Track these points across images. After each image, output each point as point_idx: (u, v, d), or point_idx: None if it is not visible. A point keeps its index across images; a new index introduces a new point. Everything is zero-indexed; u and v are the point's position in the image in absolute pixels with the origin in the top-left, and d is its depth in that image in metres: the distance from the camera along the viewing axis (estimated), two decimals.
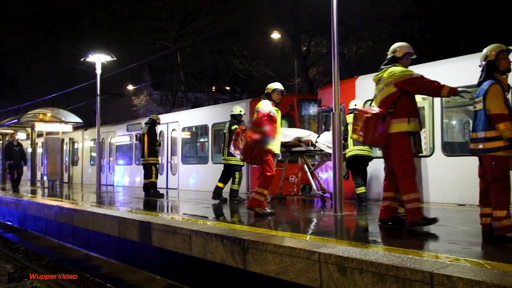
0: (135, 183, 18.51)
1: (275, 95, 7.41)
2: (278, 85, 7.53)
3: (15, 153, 16.51)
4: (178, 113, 19.10)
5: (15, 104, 41.52)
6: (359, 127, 5.69)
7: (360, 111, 5.87)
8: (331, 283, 4.10)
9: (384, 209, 5.88)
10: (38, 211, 11.39)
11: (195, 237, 5.79)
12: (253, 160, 7.12)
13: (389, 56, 5.86)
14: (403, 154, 5.49)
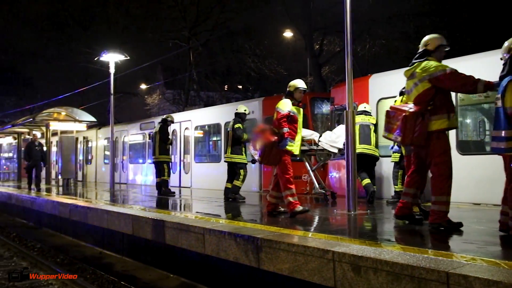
0: (148, 181, 18.62)
1: (297, 93, 7.23)
2: (300, 83, 7.32)
3: (35, 153, 16.48)
4: (191, 111, 19.15)
5: (30, 103, 42.05)
6: (395, 126, 5.41)
7: (395, 109, 5.56)
8: (345, 282, 4.08)
9: (402, 206, 5.68)
10: (53, 209, 11.51)
11: (209, 236, 5.80)
12: (270, 161, 7.02)
13: (420, 50, 5.57)
14: (442, 153, 5.25)
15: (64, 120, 21.04)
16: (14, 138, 25.57)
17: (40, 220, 13.05)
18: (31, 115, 24.31)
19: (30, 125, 21.89)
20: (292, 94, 7.22)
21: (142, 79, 37.56)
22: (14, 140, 25.63)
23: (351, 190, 7.26)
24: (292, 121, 6.97)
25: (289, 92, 7.25)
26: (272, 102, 14.02)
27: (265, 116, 13.41)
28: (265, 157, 6.88)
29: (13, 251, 9.37)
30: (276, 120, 6.98)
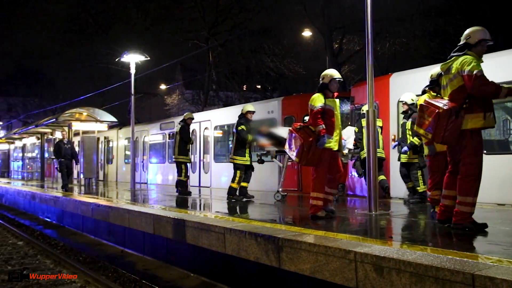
0: (168, 181, 18.76)
1: (333, 84, 6.67)
2: (336, 73, 6.78)
3: (65, 152, 15.97)
4: (211, 111, 19.25)
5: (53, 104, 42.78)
6: (427, 121, 5.18)
7: (429, 104, 5.28)
8: (367, 283, 4.04)
9: (444, 209, 5.44)
10: (76, 208, 11.68)
11: (229, 235, 5.81)
12: (309, 162, 6.61)
13: (461, 43, 5.30)
14: (473, 153, 5.06)
15: (85, 120, 21.36)
16: (37, 138, 26.05)
17: (63, 219, 13.25)
18: (54, 116, 24.73)
19: (53, 125, 22.28)
20: (327, 86, 6.67)
21: (161, 79, 37.91)
22: (37, 140, 26.09)
23: (372, 190, 7.19)
24: (329, 116, 6.54)
25: (324, 85, 6.69)
26: (292, 101, 14.03)
27: (284, 116, 13.39)
28: (303, 158, 6.49)
29: (37, 249, 9.53)
30: (310, 117, 6.62)
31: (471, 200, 5.07)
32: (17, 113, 55.43)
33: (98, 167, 22.84)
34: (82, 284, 6.83)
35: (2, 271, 7.74)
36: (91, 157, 19.70)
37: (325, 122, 6.48)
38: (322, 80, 6.74)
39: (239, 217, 7.26)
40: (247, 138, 10.07)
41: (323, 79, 6.72)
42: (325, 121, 6.49)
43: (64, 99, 38.76)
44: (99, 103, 33.49)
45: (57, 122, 21.23)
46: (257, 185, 13.49)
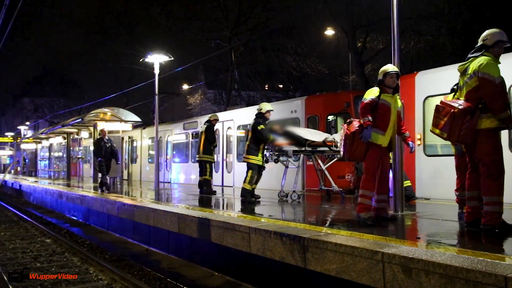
0: (191, 180, 18.88)
1: (389, 79, 6.37)
2: (391, 67, 6.57)
3: (105, 150, 14.97)
4: (233, 111, 19.28)
5: (78, 104, 43.57)
6: (442, 121, 5.19)
7: (444, 104, 5.31)
8: (395, 284, 3.99)
9: (471, 211, 5.40)
10: (101, 207, 11.86)
11: (254, 235, 5.81)
12: (352, 156, 6.33)
13: (478, 44, 5.34)
14: (491, 152, 5.06)
15: (110, 120, 21.67)
16: (63, 138, 26.51)
17: (89, 217, 13.47)
18: (80, 116, 25.16)
19: (79, 125, 22.66)
20: (382, 81, 6.41)
21: (184, 79, 38.17)
22: (63, 140, 26.57)
23: (398, 190, 7.10)
24: (383, 111, 6.23)
25: (379, 81, 6.46)
26: (315, 101, 13.96)
27: (307, 115, 13.33)
28: (346, 151, 6.24)
29: (65, 247, 9.71)
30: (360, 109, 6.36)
31: (497, 199, 5.04)
32: (44, 113, 56.64)
33: (122, 166, 23.16)
34: (108, 281, 6.93)
35: (32, 268, 7.93)
36: None
37: (377, 117, 6.20)
38: (378, 77, 6.55)
39: (263, 216, 7.25)
40: (268, 137, 9.81)
41: (379, 76, 6.53)
42: (378, 116, 6.20)
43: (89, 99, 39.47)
44: (123, 103, 33.97)
45: (83, 122, 21.59)
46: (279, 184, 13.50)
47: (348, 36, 22.52)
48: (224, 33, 30.12)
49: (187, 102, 38.49)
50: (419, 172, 9.93)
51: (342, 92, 16.86)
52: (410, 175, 9.52)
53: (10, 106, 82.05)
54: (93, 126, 21.00)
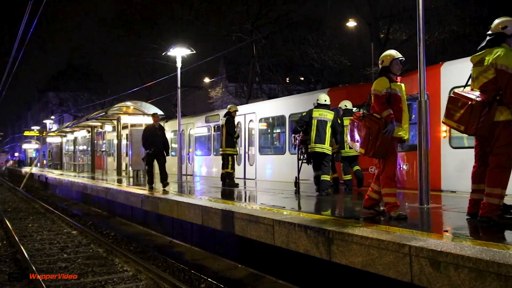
0: (213, 173, 18.96)
1: (395, 66, 5.96)
2: (395, 52, 6.09)
3: (157, 140, 12.39)
4: (255, 104, 19.25)
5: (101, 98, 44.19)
6: (459, 113, 5.06)
7: (459, 95, 5.15)
8: (423, 277, 3.93)
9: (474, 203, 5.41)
10: (126, 199, 12.00)
11: (278, 227, 5.80)
12: (377, 153, 5.81)
13: (492, 33, 5.17)
14: (505, 145, 4.95)
15: (133, 113, 21.89)
16: (87, 132, 26.91)
17: (113, 210, 13.66)
18: (103, 110, 25.48)
19: (103, 118, 22.97)
20: (388, 68, 5.97)
21: (205, 73, 38.33)
22: (88, 133, 26.96)
23: (424, 183, 6.99)
24: (395, 101, 5.84)
25: (385, 68, 5.99)
26: (338, 93, 13.83)
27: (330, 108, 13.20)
28: (370, 148, 5.75)
29: (90, 239, 9.87)
30: (374, 104, 5.89)
31: (499, 191, 5.00)
32: (68, 107, 57.68)
33: None
34: (133, 273, 7.03)
35: (59, 259, 8.09)
36: (139, 150, 20.08)
37: (391, 108, 5.79)
38: (382, 64, 6.05)
39: (287, 209, 7.22)
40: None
41: (383, 62, 6.04)
42: (392, 108, 5.79)
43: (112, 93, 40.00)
44: (145, 96, 34.29)
45: (106, 115, 21.87)
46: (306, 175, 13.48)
47: (371, 27, 22.25)
48: (245, 26, 30.07)
49: (209, 96, 38.64)
50: (445, 164, 9.76)
51: (365, 84, 16.66)
52: (435, 167, 9.37)
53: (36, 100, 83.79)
54: (117, 119, 21.27)
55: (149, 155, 12.42)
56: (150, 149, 12.27)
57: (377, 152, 5.78)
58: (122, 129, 22.34)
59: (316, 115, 9.38)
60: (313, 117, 9.35)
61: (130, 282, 6.60)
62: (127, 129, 22.34)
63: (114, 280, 6.65)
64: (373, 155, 5.89)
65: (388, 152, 5.83)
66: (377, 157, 5.93)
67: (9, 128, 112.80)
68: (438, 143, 9.82)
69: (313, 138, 9.25)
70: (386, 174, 5.81)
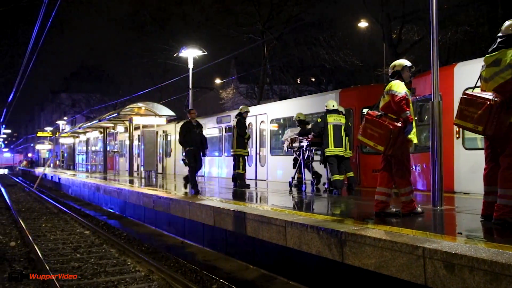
0: (224, 174, 18.98)
1: (406, 73, 6.30)
2: (406, 61, 6.50)
3: (195, 137, 11.28)
4: (267, 105, 19.25)
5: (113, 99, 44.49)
6: (474, 115, 5.03)
7: (474, 96, 5.14)
8: (437, 280, 3.90)
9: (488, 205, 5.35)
10: (138, 200, 12.06)
11: (290, 228, 5.79)
12: (395, 151, 6.01)
13: (503, 35, 5.16)
14: None
15: (145, 114, 22.01)
16: (100, 132, 27.09)
17: (125, 210, 13.74)
18: (115, 111, 25.66)
19: (115, 119, 23.11)
20: (399, 74, 6.30)
21: (216, 74, 38.39)
22: (100, 134, 27.15)
23: (437, 184, 6.94)
24: (407, 105, 6.06)
25: (396, 73, 6.33)
26: (350, 94, 13.79)
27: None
28: (389, 146, 5.88)
29: (103, 239, 9.93)
30: (393, 104, 6.03)
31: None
32: (81, 109, 58.13)
33: (157, 160, 23.48)
34: (146, 273, 7.05)
35: (72, 259, 8.16)
36: (151, 151, 20.27)
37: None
38: (394, 69, 6.40)
39: (299, 210, 7.21)
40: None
41: (395, 68, 6.39)
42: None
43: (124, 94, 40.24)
44: (157, 97, 34.45)
45: (119, 116, 22.00)
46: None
47: (383, 27, 22.11)
48: (257, 27, 30.07)
49: (220, 97, 38.71)
50: (458, 166, 9.66)
51: (377, 85, 16.58)
52: (448, 169, 9.29)
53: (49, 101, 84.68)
54: (129, 120, 21.40)
55: (189, 152, 11.14)
56: (190, 146, 11.12)
57: (395, 150, 5.98)
58: (134, 130, 22.48)
59: (331, 120, 10.06)
60: (328, 122, 10.01)
61: (143, 282, 6.63)
62: (139, 130, 22.47)
63: (126, 280, 6.69)
64: (391, 153, 6.06)
65: (404, 152, 6.09)
66: (394, 156, 6.10)
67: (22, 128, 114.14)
68: (451, 144, 9.74)
69: (331, 142, 9.96)
70: (405, 173, 6.08)
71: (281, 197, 10.29)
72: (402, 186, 6.13)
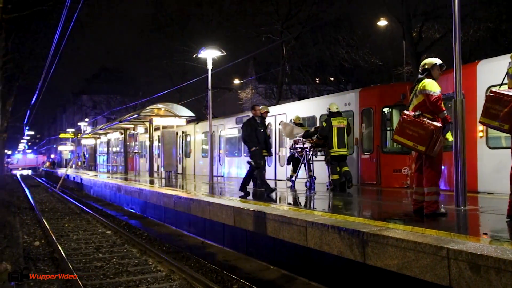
0: (243, 174, 18.96)
1: (436, 71, 6.26)
2: (437, 59, 6.40)
3: (260, 135, 10.55)
4: (286, 105, 19.20)
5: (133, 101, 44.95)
6: (501, 113, 4.98)
7: (501, 94, 5.09)
8: (462, 281, 3.83)
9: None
10: (158, 200, 12.15)
11: (311, 229, 5.76)
12: (435, 151, 5.94)
13: None
14: None
15: (164, 115, 22.17)
16: (120, 134, 27.39)
17: (146, 210, 13.86)
18: (136, 112, 25.89)
19: (135, 120, 23.35)
20: (429, 72, 6.26)
21: (235, 74, 38.46)
22: (121, 135, 27.45)
23: (460, 184, 6.82)
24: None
25: (426, 71, 6.28)
26: (370, 93, 13.66)
27: (362, 108, 13.06)
28: (430, 146, 5.83)
29: (124, 239, 10.04)
30: (430, 104, 5.97)
31: None
32: (102, 110, 58.88)
33: (176, 160, 23.63)
34: (167, 273, 7.11)
35: (94, 258, 8.26)
36: (171, 151, 20.39)
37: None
38: (424, 67, 6.35)
39: (319, 210, 7.17)
40: None
41: (425, 66, 6.33)
42: None
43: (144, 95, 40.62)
44: (176, 98, 34.63)
45: (139, 117, 22.21)
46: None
47: (403, 25, 21.84)
48: (275, 27, 30.01)
49: (238, 97, 38.77)
50: (482, 165, 9.49)
51: (397, 84, 16.41)
52: (471, 168, 9.13)
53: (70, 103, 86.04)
54: (149, 121, 21.58)
55: (256, 152, 10.26)
56: (255, 146, 10.24)
57: (436, 150, 5.92)
58: (154, 131, 22.66)
59: (335, 123, 10.72)
60: (333, 125, 10.68)
61: (164, 282, 6.68)
62: (158, 131, 22.64)
63: (148, 280, 6.75)
64: (433, 154, 5.99)
65: (440, 152, 6.07)
66: (434, 155, 6.03)
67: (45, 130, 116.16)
68: (474, 143, 9.57)
69: (335, 143, 10.64)
70: (435, 173, 6.06)
71: (302, 197, 10.24)
72: (427, 185, 6.08)
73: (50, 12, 20.88)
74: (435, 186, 6.07)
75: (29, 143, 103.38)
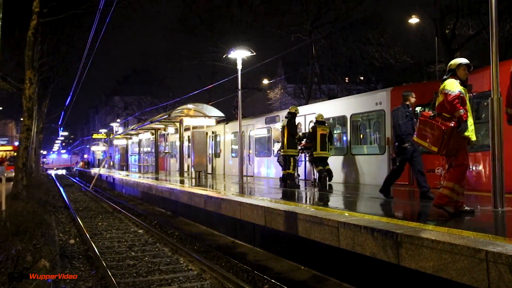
0: (273, 174, 18.96)
1: (461, 71, 6.30)
2: (463, 59, 6.45)
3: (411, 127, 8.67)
4: (316, 104, 19.06)
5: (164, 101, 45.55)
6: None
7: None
8: (502, 285, 3.71)
9: None
10: (189, 200, 12.26)
11: (343, 229, 5.69)
12: (449, 151, 6.03)
13: None
14: None
15: (194, 116, 22.35)
16: (151, 134, 27.76)
17: (177, 210, 14.00)
18: (166, 112, 26.20)
19: (166, 121, 23.61)
20: (455, 72, 6.31)
21: (264, 74, 38.47)
22: (152, 135, 27.82)
23: (498, 184, 6.62)
24: (462, 103, 6.05)
25: (451, 71, 6.35)
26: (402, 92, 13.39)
27: (393, 108, 12.84)
28: (443, 146, 5.94)
29: (156, 238, 10.16)
30: (447, 103, 6.03)
31: None
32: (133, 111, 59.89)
33: (206, 160, 23.79)
34: (198, 272, 7.15)
35: (127, 257, 8.39)
36: (201, 151, 20.55)
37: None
38: (449, 67, 6.44)
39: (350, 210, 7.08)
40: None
41: (450, 66, 6.42)
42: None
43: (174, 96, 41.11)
44: (205, 99, 34.92)
45: (169, 118, 22.47)
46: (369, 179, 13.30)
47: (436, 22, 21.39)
48: (304, 26, 29.87)
49: (267, 97, 38.79)
50: None
51: (430, 82, 16.06)
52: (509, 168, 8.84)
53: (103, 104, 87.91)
54: (179, 122, 21.81)
55: (405, 150, 8.61)
56: (408, 143, 8.47)
57: (449, 150, 6.00)
58: (184, 131, 22.88)
59: (319, 130, 12.50)
60: (317, 132, 12.45)
61: (195, 281, 6.72)
62: (189, 131, 22.83)
63: (180, 278, 6.80)
64: (446, 153, 6.10)
65: (459, 151, 6.04)
66: (449, 155, 6.11)
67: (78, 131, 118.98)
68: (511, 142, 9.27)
69: (318, 146, 12.44)
70: (459, 171, 6.05)
71: (332, 197, 10.15)
72: (447, 180, 6.16)
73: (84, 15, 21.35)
74: (454, 183, 6.05)
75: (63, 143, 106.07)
